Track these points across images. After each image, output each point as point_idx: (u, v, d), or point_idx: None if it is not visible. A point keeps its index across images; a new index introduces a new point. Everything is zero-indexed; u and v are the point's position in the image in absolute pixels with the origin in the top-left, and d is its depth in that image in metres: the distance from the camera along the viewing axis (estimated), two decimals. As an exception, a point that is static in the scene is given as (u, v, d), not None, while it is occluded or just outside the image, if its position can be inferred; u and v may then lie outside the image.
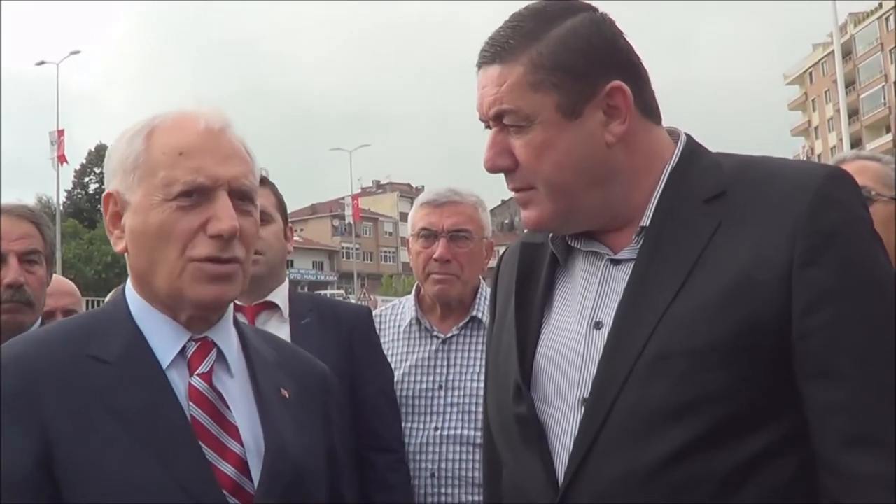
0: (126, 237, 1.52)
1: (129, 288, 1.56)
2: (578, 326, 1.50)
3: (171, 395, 1.45)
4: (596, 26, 1.49)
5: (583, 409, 1.43)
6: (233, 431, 1.47)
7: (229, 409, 1.49)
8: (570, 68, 1.45)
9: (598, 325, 1.48)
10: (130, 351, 1.47)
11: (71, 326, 1.56)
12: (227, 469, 1.44)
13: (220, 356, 1.54)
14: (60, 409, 1.38)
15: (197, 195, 1.46)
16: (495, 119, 1.49)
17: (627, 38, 1.53)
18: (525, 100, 1.45)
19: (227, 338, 1.57)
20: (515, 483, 1.54)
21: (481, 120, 1.53)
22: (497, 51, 1.48)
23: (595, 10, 1.52)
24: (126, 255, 1.54)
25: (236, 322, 1.65)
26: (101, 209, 1.57)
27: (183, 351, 1.51)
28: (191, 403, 1.46)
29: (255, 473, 1.47)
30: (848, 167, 2.13)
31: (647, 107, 1.52)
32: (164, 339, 1.50)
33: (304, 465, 1.55)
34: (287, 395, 1.60)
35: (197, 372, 1.49)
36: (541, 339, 1.55)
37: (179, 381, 1.48)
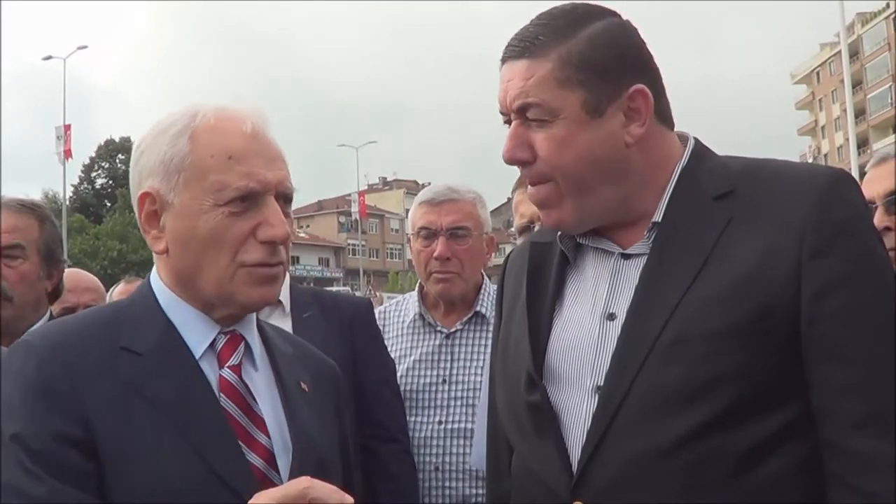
0: (167, 238, 1.49)
1: (156, 280, 1.56)
2: (591, 318, 1.54)
3: (206, 385, 1.47)
4: (623, 30, 1.54)
5: (597, 396, 1.47)
6: (260, 423, 1.49)
7: (256, 402, 1.50)
8: (597, 68, 1.49)
9: (611, 317, 1.51)
10: (163, 343, 1.47)
11: (99, 317, 1.54)
12: (256, 461, 1.45)
13: (247, 350, 1.56)
14: (99, 399, 1.37)
15: (248, 200, 1.47)
16: (518, 112, 1.51)
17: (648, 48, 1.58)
18: (551, 95, 1.48)
19: (252, 332, 1.59)
20: (529, 469, 1.57)
21: (502, 113, 1.55)
22: (526, 46, 1.51)
23: (619, 16, 1.56)
24: (164, 255, 1.51)
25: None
26: (109, 204, 1.56)
27: (212, 344, 1.52)
28: (221, 395, 1.47)
29: (281, 465, 1.48)
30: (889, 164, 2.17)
31: (663, 113, 1.56)
32: (195, 331, 1.51)
33: (327, 458, 1.57)
34: (306, 389, 1.62)
35: (227, 364, 1.51)
36: (553, 331, 1.59)
37: (210, 373, 1.49)
